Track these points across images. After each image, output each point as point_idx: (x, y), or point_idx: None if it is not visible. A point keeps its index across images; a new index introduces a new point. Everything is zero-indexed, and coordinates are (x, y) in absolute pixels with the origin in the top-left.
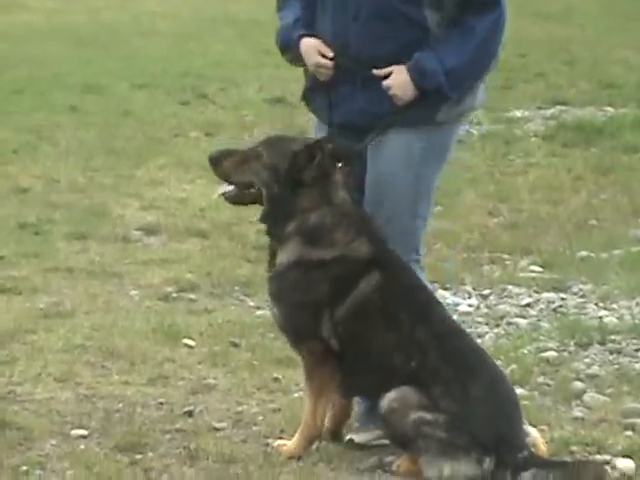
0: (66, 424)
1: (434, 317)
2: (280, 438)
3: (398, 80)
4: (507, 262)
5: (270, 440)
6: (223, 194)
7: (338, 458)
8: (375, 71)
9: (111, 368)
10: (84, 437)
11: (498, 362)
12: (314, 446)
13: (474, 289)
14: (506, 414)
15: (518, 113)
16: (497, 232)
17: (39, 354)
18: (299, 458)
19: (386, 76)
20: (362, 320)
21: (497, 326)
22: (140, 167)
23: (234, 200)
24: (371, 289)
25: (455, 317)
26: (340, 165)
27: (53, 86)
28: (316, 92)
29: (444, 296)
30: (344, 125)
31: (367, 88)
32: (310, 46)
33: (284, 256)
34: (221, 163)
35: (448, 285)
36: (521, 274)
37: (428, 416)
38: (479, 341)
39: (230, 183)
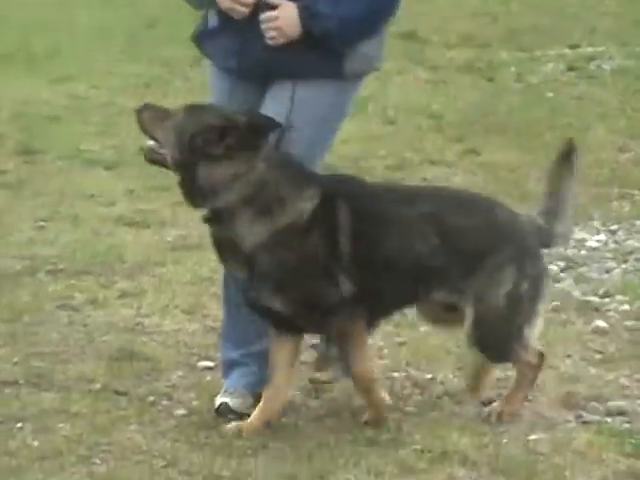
0: (193, 356)
1: (419, 198)
2: (405, 372)
3: (286, 13)
4: (636, 198)
5: (395, 374)
6: (141, 148)
7: (462, 392)
8: None
9: None
10: (210, 369)
11: (626, 298)
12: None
13: (602, 225)
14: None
15: None
16: (627, 168)
17: (167, 286)
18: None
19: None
20: (368, 239)
21: (625, 262)
22: None
23: (149, 158)
24: (351, 214)
25: (583, 252)
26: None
27: (189, 21)
28: (221, 33)
29: None
30: (249, 71)
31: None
32: None
33: (248, 238)
34: (142, 115)
35: (576, 221)
36: None
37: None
38: (606, 276)
39: (149, 138)
